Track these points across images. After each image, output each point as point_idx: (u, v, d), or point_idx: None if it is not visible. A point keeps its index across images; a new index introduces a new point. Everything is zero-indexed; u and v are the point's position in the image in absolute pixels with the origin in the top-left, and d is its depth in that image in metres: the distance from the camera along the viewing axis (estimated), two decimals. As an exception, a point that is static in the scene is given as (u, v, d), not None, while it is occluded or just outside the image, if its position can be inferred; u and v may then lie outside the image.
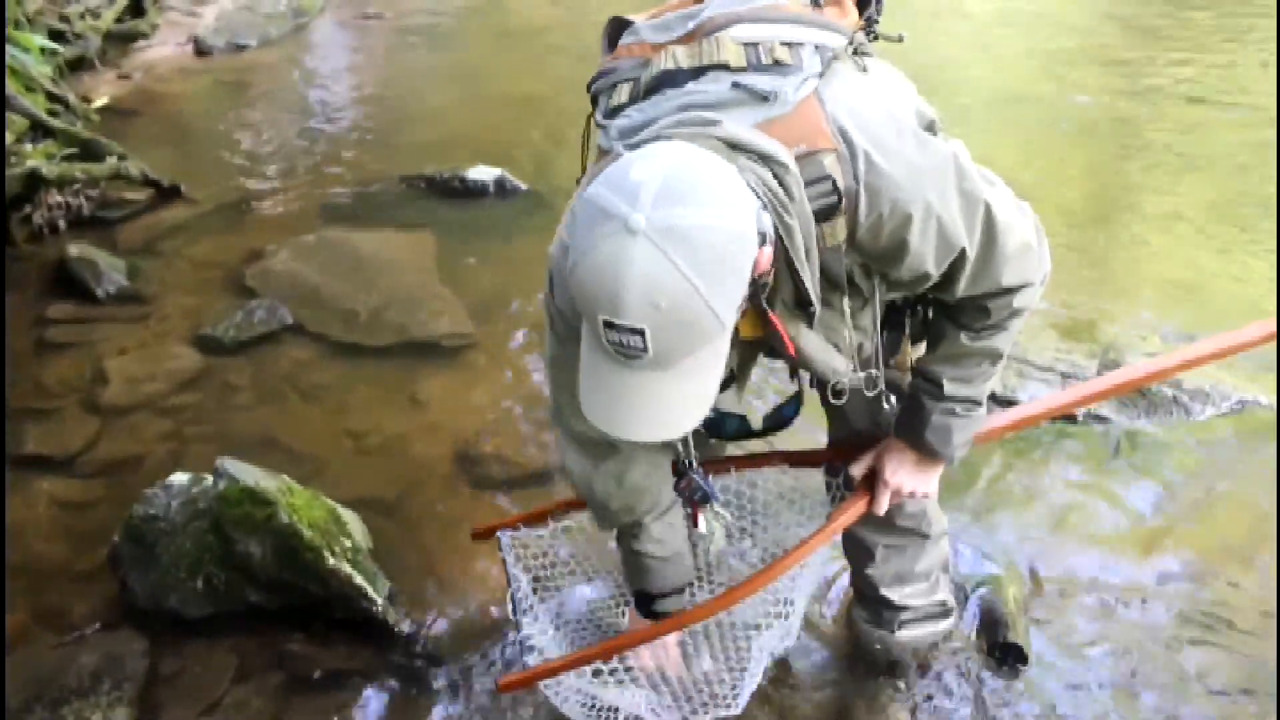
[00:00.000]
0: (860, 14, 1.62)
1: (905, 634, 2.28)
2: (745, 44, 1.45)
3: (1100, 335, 3.56)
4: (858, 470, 1.96)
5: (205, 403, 3.37)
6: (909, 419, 1.84)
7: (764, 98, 1.39)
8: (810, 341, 1.54)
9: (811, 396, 1.89)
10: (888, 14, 1.67)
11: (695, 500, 1.88)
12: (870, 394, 1.72)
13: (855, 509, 1.94)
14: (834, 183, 1.37)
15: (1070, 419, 3.15)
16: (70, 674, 2.33)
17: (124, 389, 3.42)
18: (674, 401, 1.29)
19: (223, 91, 6.42)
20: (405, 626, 2.43)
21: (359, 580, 2.40)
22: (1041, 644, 2.37)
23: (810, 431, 2.28)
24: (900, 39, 1.65)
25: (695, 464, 1.83)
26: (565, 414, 1.76)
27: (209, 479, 2.57)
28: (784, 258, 1.38)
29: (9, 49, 4.20)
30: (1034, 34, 7.13)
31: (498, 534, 2.17)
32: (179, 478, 2.61)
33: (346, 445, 3.14)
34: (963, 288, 1.57)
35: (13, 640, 2.47)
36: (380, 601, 2.42)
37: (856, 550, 2.22)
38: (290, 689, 2.32)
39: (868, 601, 2.27)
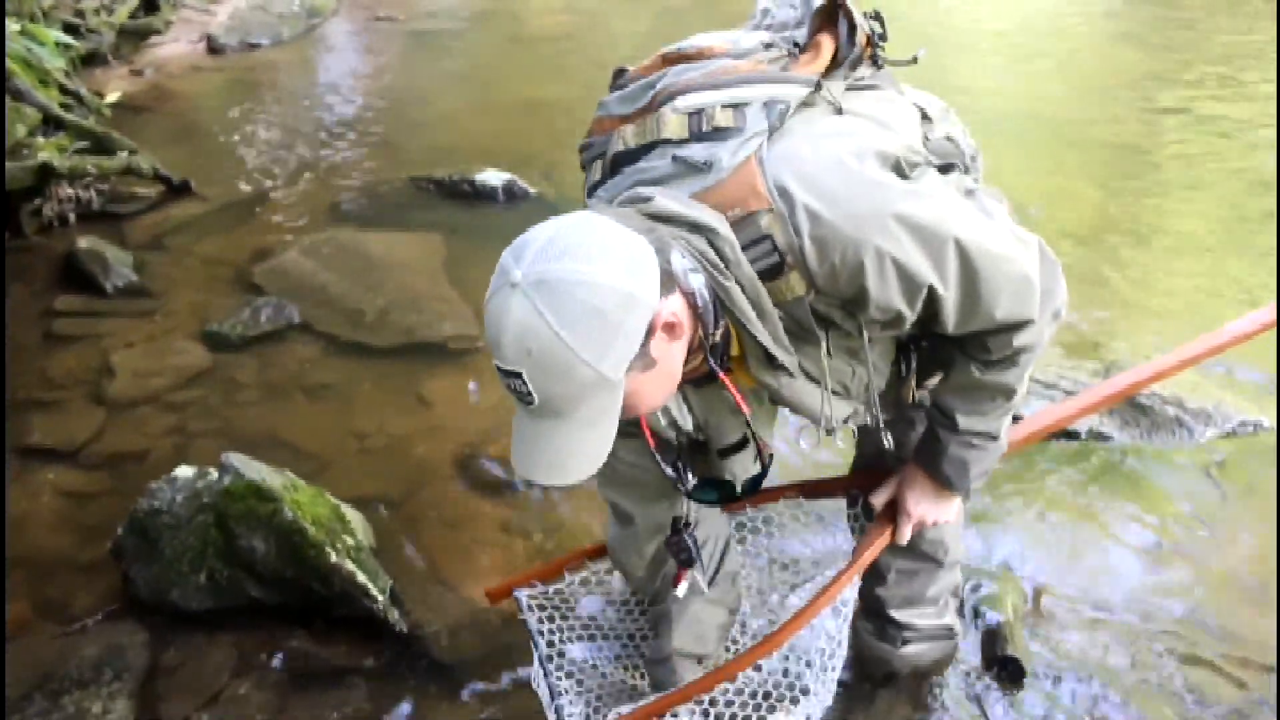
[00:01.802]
0: (867, 44, 1.61)
1: (909, 650, 2.28)
2: (690, 113, 1.47)
3: (1105, 353, 3.57)
4: (879, 500, 1.95)
5: (211, 398, 3.38)
6: (927, 449, 1.84)
7: (699, 168, 1.42)
8: (793, 389, 1.58)
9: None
10: (907, 35, 1.67)
11: (680, 561, 1.89)
12: (872, 426, 1.73)
13: (880, 540, 1.92)
14: (773, 241, 1.39)
15: (1072, 436, 3.15)
16: (71, 664, 2.34)
17: (130, 383, 3.43)
18: (570, 448, 1.34)
19: (234, 90, 6.45)
20: (406, 625, 2.43)
21: (361, 578, 2.41)
22: (1040, 658, 2.38)
23: (828, 457, 2.29)
24: (914, 60, 1.65)
25: (691, 524, 1.87)
26: (600, 482, 1.90)
27: (214, 473, 2.57)
28: (734, 319, 1.43)
29: (24, 42, 4.22)
30: (1045, 53, 7.15)
31: (514, 593, 2.12)
32: (184, 471, 2.62)
33: (351, 444, 3.15)
34: (953, 323, 1.54)
35: (15, 630, 2.48)
36: (381, 600, 2.42)
37: (869, 569, 2.22)
38: (290, 685, 2.32)
39: (874, 616, 2.27)
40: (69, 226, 4.48)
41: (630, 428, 1.67)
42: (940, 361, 1.76)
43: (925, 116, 1.66)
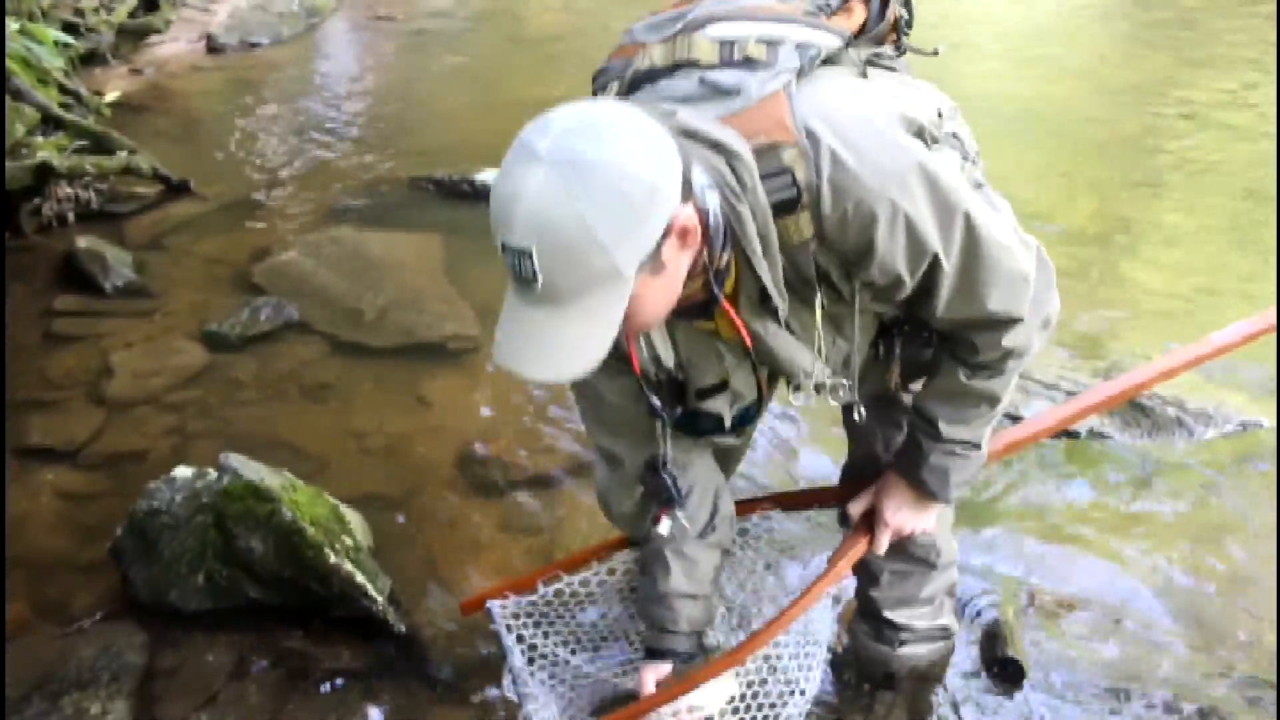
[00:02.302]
0: (893, 28, 1.62)
1: (906, 650, 2.28)
2: (721, 41, 1.46)
3: (1105, 353, 3.57)
4: (856, 509, 1.94)
5: (210, 398, 3.38)
6: (907, 456, 1.83)
7: (728, 92, 1.41)
8: (778, 338, 1.55)
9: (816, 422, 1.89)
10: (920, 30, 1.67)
11: (661, 501, 1.85)
12: (839, 402, 1.70)
13: (856, 549, 1.91)
14: (793, 176, 1.37)
15: (1072, 436, 3.15)
16: (70, 665, 2.33)
17: (129, 383, 3.43)
18: (563, 341, 1.28)
19: (234, 89, 6.45)
20: (404, 626, 2.43)
21: (360, 579, 2.40)
22: (1039, 659, 2.37)
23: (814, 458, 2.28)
24: (935, 53, 1.66)
25: (668, 463, 1.82)
26: (589, 426, 1.87)
27: (212, 474, 2.57)
28: (739, 248, 1.40)
29: (24, 41, 4.22)
30: (1045, 54, 7.14)
31: (487, 604, 2.10)
32: (182, 472, 2.61)
33: (350, 444, 3.14)
34: (944, 303, 1.53)
35: (13, 631, 2.47)
36: (380, 601, 2.42)
37: (863, 571, 2.22)
38: (288, 686, 2.32)
39: (870, 618, 2.27)
40: (68, 226, 4.48)
41: (617, 362, 1.66)
42: (926, 366, 1.75)
43: (938, 111, 1.67)
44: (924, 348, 1.73)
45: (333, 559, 2.40)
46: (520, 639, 2.06)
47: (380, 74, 7.00)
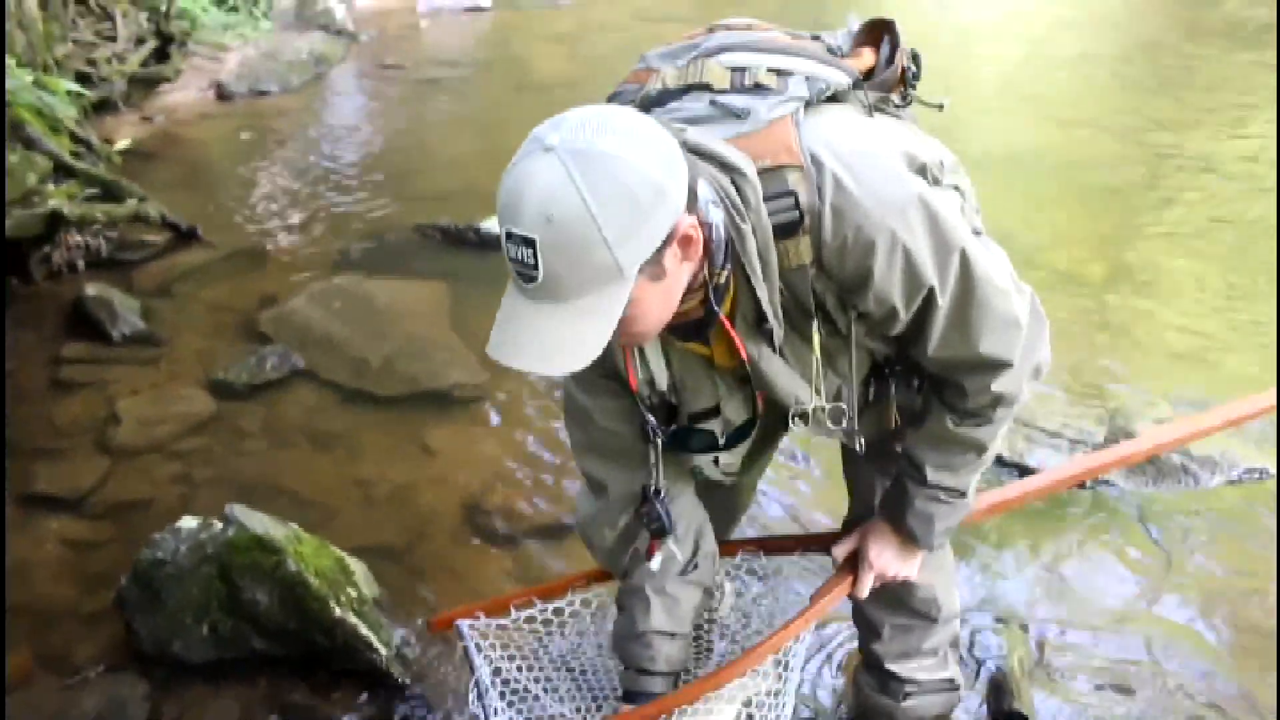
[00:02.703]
0: (900, 80, 1.65)
1: (911, 704, 2.26)
2: (733, 68, 1.49)
3: (1109, 400, 3.56)
4: (841, 551, 1.93)
5: (215, 447, 3.39)
6: (893, 501, 1.83)
7: (737, 114, 1.43)
8: (772, 364, 1.55)
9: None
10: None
11: (652, 531, 1.81)
12: (837, 429, 1.67)
13: (838, 590, 1.89)
14: (796, 199, 1.39)
15: (1079, 484, 3.14)
16: (72, 717, 2.34)
17: (135, 430, 3.44)
18: (562, 338, 1.28)
19: (243, 136, 6.51)
20: (409, 679, 2.42)
21: (364, 631, 2.40)
22: (1046, 712, 2.36)
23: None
24: (941, 107, 1.69)
25: (661, 491, 1.78)
26: (578, 452, 1.85)
27: (218, 524, 2.57)
28: (739, 266, 1.41)
29: (37, 92, 4.28)
30: (1043, 94, 7.20)
31: (457, 623, 2.04)
32: (188, 522, 2.62)
33: (355, 493, 3.15)
34: (935, 341, 1.53)
35: (16, 680, 2.47)
36: (384, 653, 2.41)
37: (863, 624, 2.21)
38: (291, 739, 2.32)
39: (874, 670, 2.26)
40: (77, 273, 4.51)
41: (609, 382, 1.67)
42: (914, 414, 1.76)
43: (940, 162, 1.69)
44: (917, 394, 1.74)
45: (337, 611, 2.40)
46: (489, 660, 2.02)
47: (387, 122, 7.07)
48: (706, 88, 1.48)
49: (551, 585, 2.08)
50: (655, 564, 1.85)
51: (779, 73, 1.48)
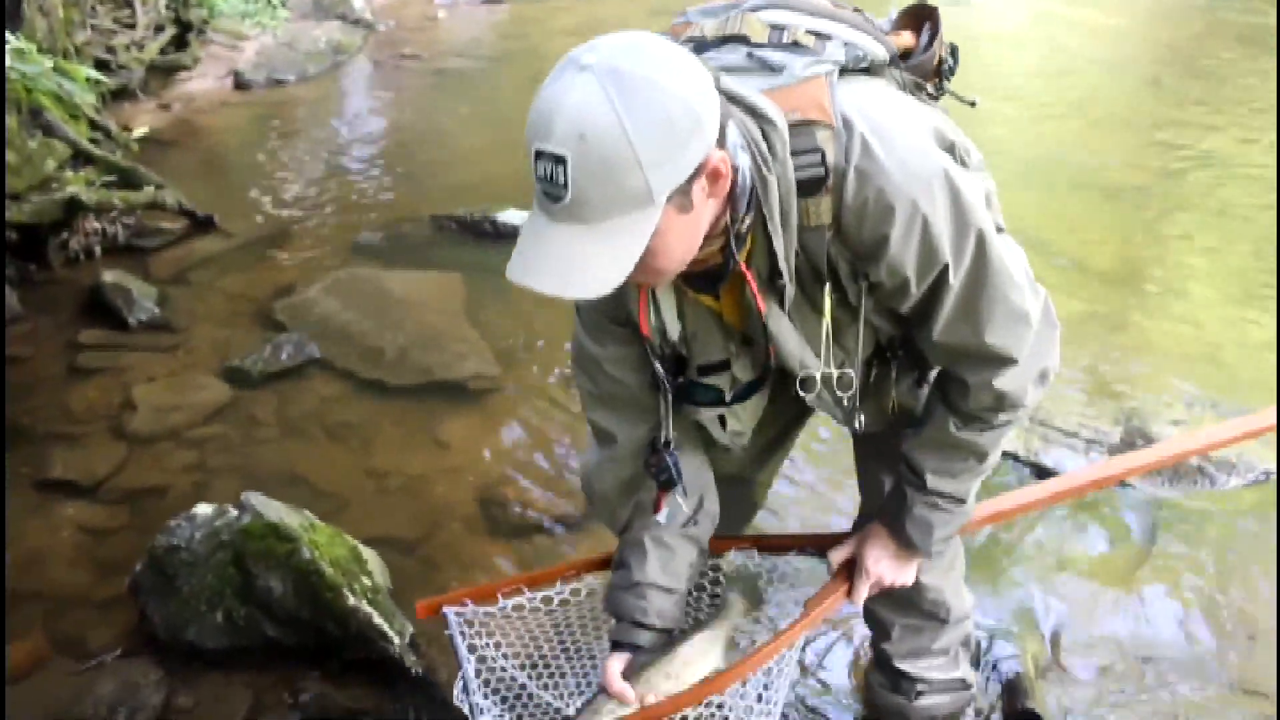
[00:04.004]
0: (936, 70, 1.65)
1: (923, 703, 2.25)
2: (772, 25, 1.49)
3: (1125, 401, 3.55)
4: (837, 556, 1.90)
5: (230, 435, 3.39)
6: (892, 506, 1.81)
7: (772, 68, 1.43)
8: (780, 324, 1.54)
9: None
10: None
11: (661, 482, 1.76)
12: (844, 396, 1.64)
13: (834, 597, 1.86)
14: (823, 156, 1.38)
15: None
16: (87, 702, 2.34)
17: (151, 417, 3.45)
18: (585, 260, 1.26)
19: (260, 125, 6.52)
20: (421, 668, 2.43)
21: (378, 620, 2.41)
22: (1060, 711, 2.35)
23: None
24: (973, 104, 1.67)
25: (670, 443, 1.74)
26: (587, 401, 1.81)
27: (233, 512, 2.58)
28: (759, 218, 1.40)
29: (57, 78, 4.29)
30: (1059, 99, 7.16)
31: (443, 610, 1.97)
32: (203, 509, 2.62)
33: (369, 483, 3.15)
34: (943, 324, 1.51)
35: (31, 666, 2.49)
36: (398, 642, 2.42)
37: (874, 624, 2.21)
38: (304, 727, 2.32)
39: (885, 669, 2.25)
40: (95, 260, 4.52)
41: (621, 329, 1.66)
42: (914, 417, 1.75)
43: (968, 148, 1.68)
44: (916, 386, 1.73)
45: (351, 600, 2.40)
46: (473, 649, 1.95)
47: (403, 112, 7.06)
48: (744, 40, 1.48)
49: (541, 573, 2.02)
50: (662, 517, 1.82)
51: (817, 35, 1.48)
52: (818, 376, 1.60)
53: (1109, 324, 4.05)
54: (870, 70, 1.51)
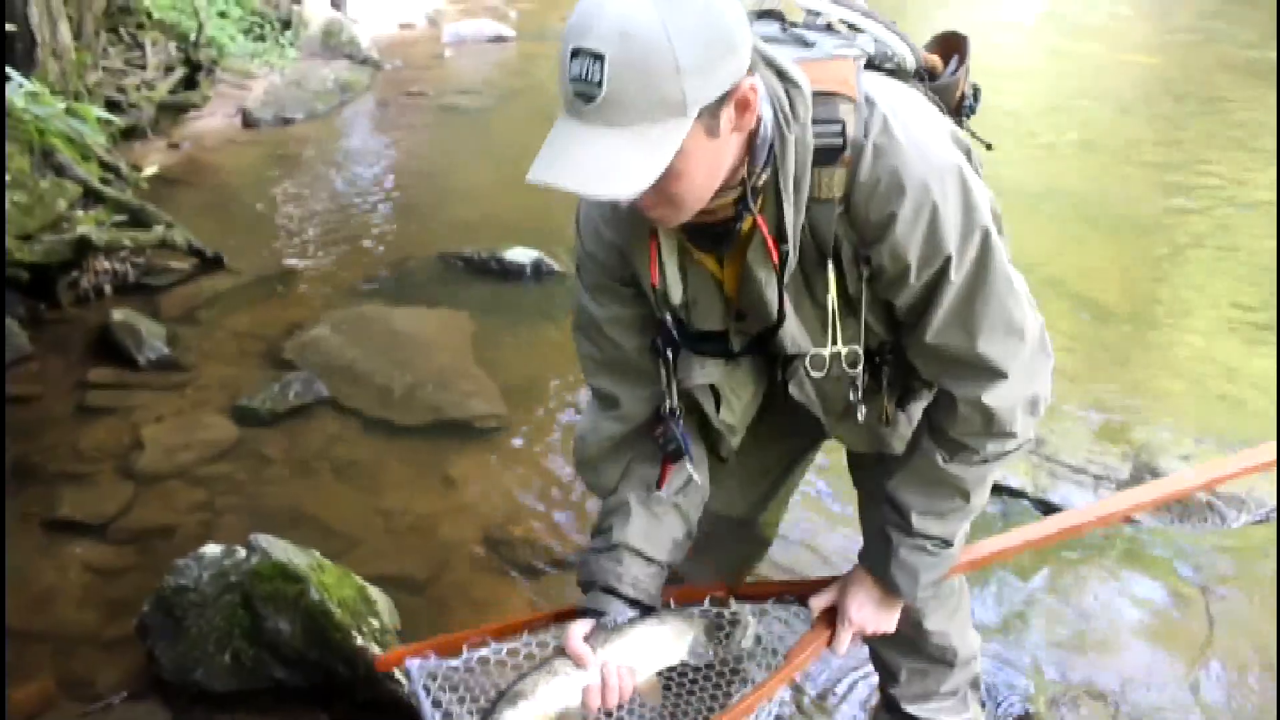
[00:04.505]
0: (958, 103, 1.68)
1: (932, 746, 2.24)
2: (809, 10, 1.55)
3: (1133, 436, 3.55)
4: (819, 603, 1.83)
5: (239, 474, 3.40)
6: (875, 550, 1.76)
7: (805, 43, 1.48)
8: (773, 299, 1.53)
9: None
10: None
11: (667, 452, 1.71)
12: (850, 372, 1.61)
13: (814, 646, 1.80)
14: (843, 128, 1.40)
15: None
16: (94, 745, 2.34)
17: (159, 457, 3.45)
18: (613, 161, 1.25)
19: (268, 163, 6.57)
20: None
21: (386, 661, 2.40)
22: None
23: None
24: (989, 147, 1.69)
25: (676, 411, 1.69)
26: (588, 367, 1.77)
27: (241, 552, 2.57)
28: (773, 179, 1.41)
29: (68, 120, 4.34)
30: (1058, 134, 7.20)
31: (406, 662, 1.85)
32: (211, 549, 2.61)
33: (377, 523, 3.15)
34: (937, 324, 1.50)
35: (38, 706, 2.48)
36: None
37: (881, 668, 2.20)
38: (313, 770, 2.31)
39: (893, 711, 2.24)
40: (104, 299, 4.54)
41: (623, 289, 1.64)
42: (896, 455, 1.74)
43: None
44: (900, 406, 1.73)
45: (360, 641, 2.39)
46: (437, 704, 1.84)
47: (411, 149, 7.12)
48: (780, 16, 1.53)
49: (507, 624, 1.91)
50: (667, 491, 1.75)
51: (850, 25, 1.53)
52: (825, 354, 1.58)
53: (1116, 359, 4.05)
54: (896, 74, 1.56)
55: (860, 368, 1.61)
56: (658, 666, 1.73)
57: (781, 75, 1.40)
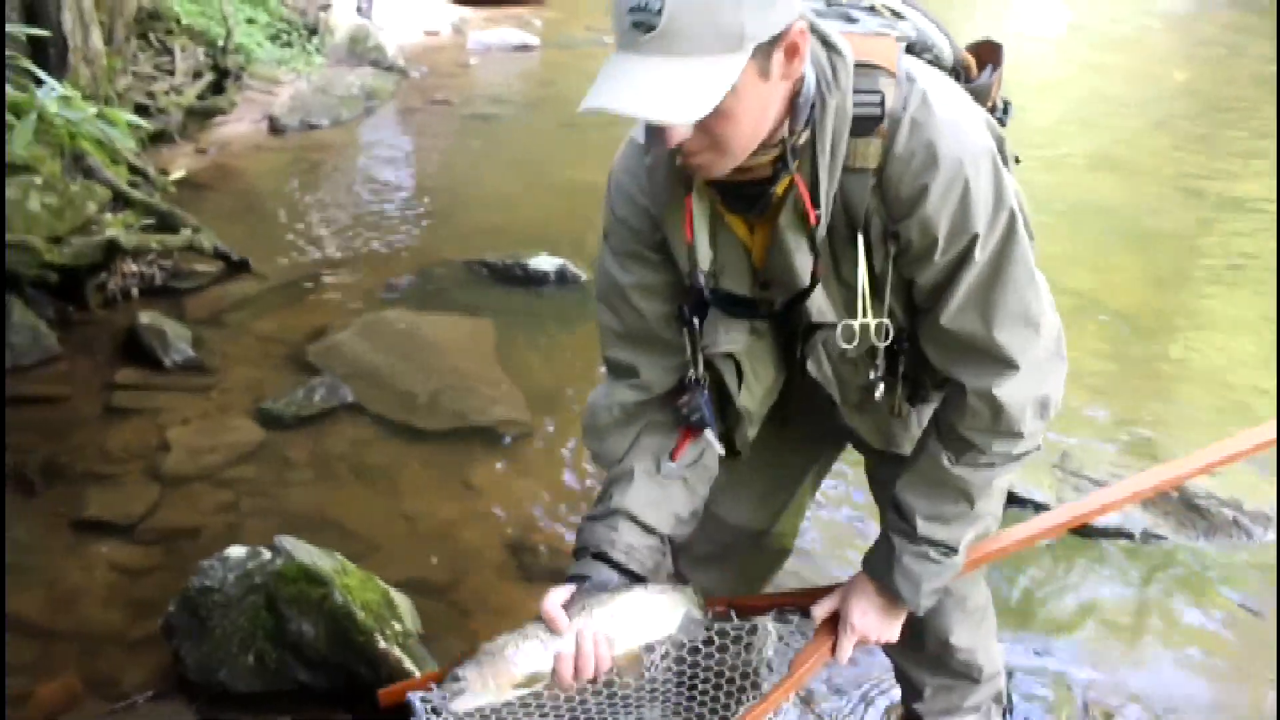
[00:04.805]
0: (990, 107, 1.68)
1: (955, 759, 2.23)
2: None
3: (1158, 451, 3.53)
4: (820, 611, 1.80)
5: (263, 477, 3.42)
6: (878, 557, 1.74)
7: (847, 16, 1.51)
8: (804, 266, 1.52)
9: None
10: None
11: (691, 422, 1.67)
12: (881, 344, 1.57)
13: (817, 656, 1.76)
14: (882, 99, 1.41)
15: (1128, 536, 3.10)
16: (118, 744, 2.35)
17: (185, 458, 3.48)
18: (671, 87, 1.26)
19: (294, 169, 6.62)
20: (452, 714, 2.42)
21: (409, 665, 2.41)
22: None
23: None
24: (1017, 160, 1.69)
25: (700, 380, 1.65)
26: (608, 338, 1.73)
27: (266, 554, 2.59)
28: (810, 143, 1.42)
29: (99, 125, 4.39)
30: (1084, 145, 7.18)
31: (409, 697, 1.78)
32: (236, 551, 2.63)
33: (400, 527, 3.16)
34: (955, 307, 1.49)
35: (64, 705, 2.50)
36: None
37: (905, 684, 2.19)
38: (334, 772, 2.32)
39: (918, 728, 2.23)
40: (131, 301, 4.58)
41: (651, 254, 1.62)
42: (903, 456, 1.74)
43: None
44: (910, 401, 1.72)
45: (382, 644, 2.41)
46: None
47: (435, 157, 7.16)
48: None
49: None
50: (679, 464, 1.70)
51: (893, 12, 1.57)
52: (855, 325, 1.54)
53: (1140, 372, 4.03)
54: (933, 65, 1.56)
55: (887, 341, 1.57)
56: (641, 640, 1.63)
57: (825, 42, 1.42)
